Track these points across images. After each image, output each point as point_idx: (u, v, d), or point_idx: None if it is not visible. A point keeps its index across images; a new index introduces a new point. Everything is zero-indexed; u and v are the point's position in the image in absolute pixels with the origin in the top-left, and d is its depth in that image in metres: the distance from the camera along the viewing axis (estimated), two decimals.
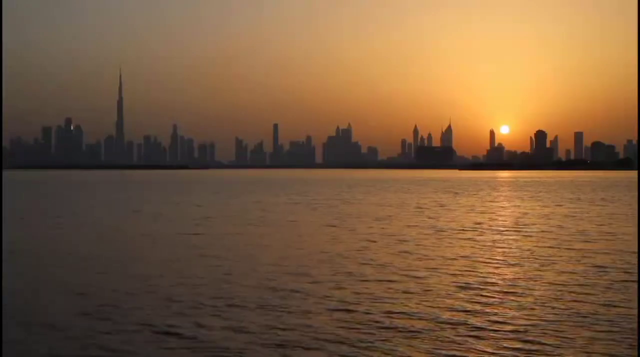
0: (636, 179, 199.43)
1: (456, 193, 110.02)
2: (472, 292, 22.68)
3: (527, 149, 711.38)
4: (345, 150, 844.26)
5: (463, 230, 45.01)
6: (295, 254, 32.38)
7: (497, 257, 31.18)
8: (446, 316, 19.08)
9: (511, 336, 17.11)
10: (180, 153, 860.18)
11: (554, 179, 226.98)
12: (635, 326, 17.84)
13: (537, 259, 30.66)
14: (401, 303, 20.83)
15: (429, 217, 56.38)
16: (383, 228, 46.52)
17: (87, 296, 22.44)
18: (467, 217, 57.21)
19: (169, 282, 24.58)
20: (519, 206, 74.22)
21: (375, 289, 23.16)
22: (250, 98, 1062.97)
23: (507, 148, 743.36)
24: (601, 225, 48.80)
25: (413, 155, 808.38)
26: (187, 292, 22.73)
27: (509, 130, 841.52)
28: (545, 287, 23.56)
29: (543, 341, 16.59)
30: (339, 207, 70.37)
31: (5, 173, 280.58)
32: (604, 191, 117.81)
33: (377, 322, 18.45)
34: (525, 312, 19.72)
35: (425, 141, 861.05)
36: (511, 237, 40.19)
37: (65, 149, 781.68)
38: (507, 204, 78.48)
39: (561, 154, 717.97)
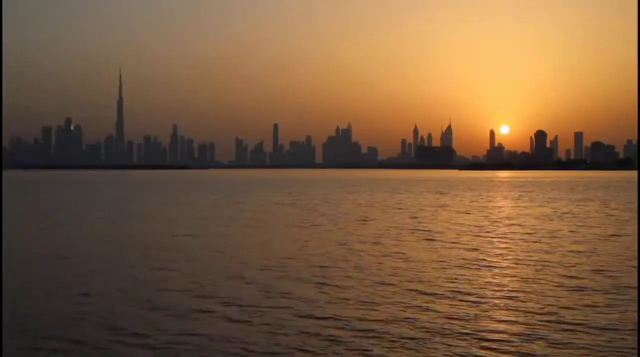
0: (636, 179, 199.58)
1: (442, 193, 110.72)
2: (435, 297, 22.16)
3: (527, 149, 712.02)
4: (345, 150, 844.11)
5: (438, 231, 44.55)
6: (263, 256, 32.06)
7: (469, 260, 30.58)
8: (418, 323, 18.51)
9: (483, 340, 17.08)
10: (180, 153, 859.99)
11: (553, 179, 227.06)
12: (620, 331, 17.65)
13: (516, 261, 30.65)
14: (365, 310, 20.26)
15: (411, 218, 56.48)
16: (358, 229, 46.35)
17: (53, 298, 22.56)
18: (445, 217, 57.19)
19: (131, 286, 24.45)
20: (502, 206, 74.53)
21: (337, 294, 22.60)
22: (250, 98, 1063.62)
23: (507, 148, 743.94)
24: (582, 225, 48.80)
25: (413, 155, 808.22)
26: (151, 297, 22.42)
27: (509, 130, 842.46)
28: (513, 290, 23.32)
29: (517, 348, 16.61)
30: (324, 208, 70.27)
31: (5, 173, 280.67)
32: (595, 191, 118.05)
33: (344, 330, 17.93)
34: (496, 317, 19.55)
35: (425, 141, 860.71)
36: (485, 239, 39.82)
37: (65, 149, 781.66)
38: (490, 204, 78.84)
39: (561, 154, 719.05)
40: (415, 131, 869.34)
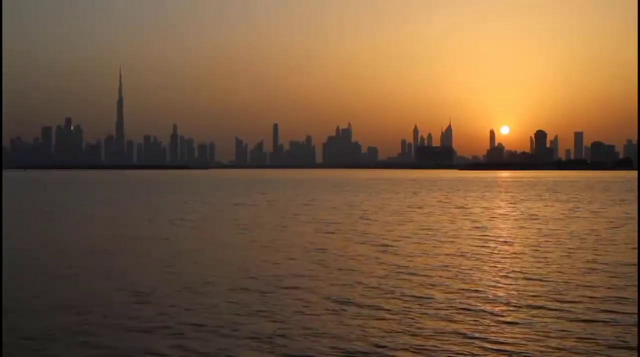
0: (636, 179, 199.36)
1: (415, 193, 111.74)
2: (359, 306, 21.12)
3: (527, 149, 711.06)
4: (345, 150, 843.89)
5: (375, 233, 44.06)
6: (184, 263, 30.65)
7: (397, 265, 29.25)
8: (347, 342, 17.01)
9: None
10: (180, 153, 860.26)
11: (551, 179, 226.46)
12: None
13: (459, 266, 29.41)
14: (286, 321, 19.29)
15: (362, 218, 56.52)
16: (314, 231, 45.48)
17: None
18: (399, 219, 56.16)
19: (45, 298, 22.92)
20: (464, 206, 74.51)
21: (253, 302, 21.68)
22: (250, 98, 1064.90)
23: (507, 148, 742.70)
24: (534, 228, 47.71)
25: (413, 155, 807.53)
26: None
27: (509, 130, 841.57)
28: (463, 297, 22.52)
29: None
30: (290, 209, 69.21)
31: (5, 173, 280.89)
32: (585, 191, 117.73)
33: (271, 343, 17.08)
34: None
35: (425, 141, 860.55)
36: (439, 241, 39.03)
37: (65, 149, 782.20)
38: (462, 204, 78.82)
39: (561, 154, 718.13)
40: (415, 131, 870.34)
